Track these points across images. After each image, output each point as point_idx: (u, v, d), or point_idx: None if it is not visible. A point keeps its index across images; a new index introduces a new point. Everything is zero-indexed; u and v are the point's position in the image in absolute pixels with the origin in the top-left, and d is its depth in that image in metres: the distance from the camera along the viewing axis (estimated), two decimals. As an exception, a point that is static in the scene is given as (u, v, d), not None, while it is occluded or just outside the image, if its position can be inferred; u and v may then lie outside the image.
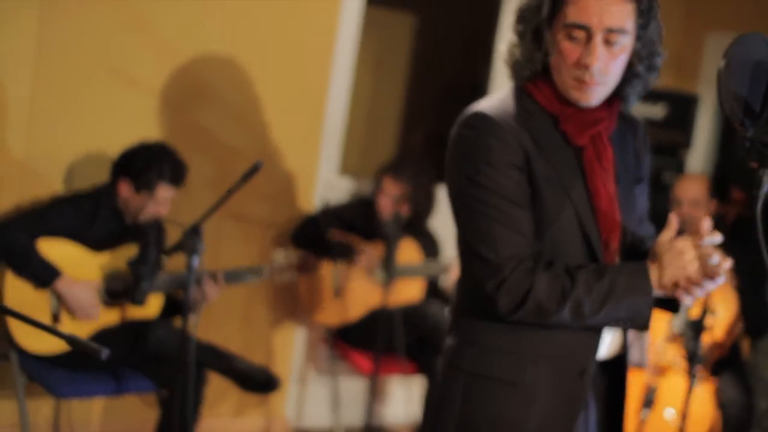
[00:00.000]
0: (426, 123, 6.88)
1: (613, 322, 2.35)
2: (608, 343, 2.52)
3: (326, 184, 5.25)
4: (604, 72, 2.33)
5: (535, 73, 2.42)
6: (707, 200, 5.09)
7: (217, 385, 4.73)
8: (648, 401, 4.65)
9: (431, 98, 6.94)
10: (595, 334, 2.44)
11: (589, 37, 2.31)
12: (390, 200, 4.93)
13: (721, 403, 4.84)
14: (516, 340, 2.40)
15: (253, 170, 3.59)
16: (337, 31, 5.10)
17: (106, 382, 4.13)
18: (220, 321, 4.91)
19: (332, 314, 4.99)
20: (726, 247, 2.20)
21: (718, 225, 5.02)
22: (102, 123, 4.51)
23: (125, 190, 4.16)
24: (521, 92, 2.45)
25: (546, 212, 2.36)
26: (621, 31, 2.31)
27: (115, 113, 4.54)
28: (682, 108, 5.90)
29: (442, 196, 5.11)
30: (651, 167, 2.72)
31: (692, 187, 5.10)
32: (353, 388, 5.50)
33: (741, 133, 2.05)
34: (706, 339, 4.65)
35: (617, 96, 2.46)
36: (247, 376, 4.38)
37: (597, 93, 2.37)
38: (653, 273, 2.33)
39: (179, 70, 4.70)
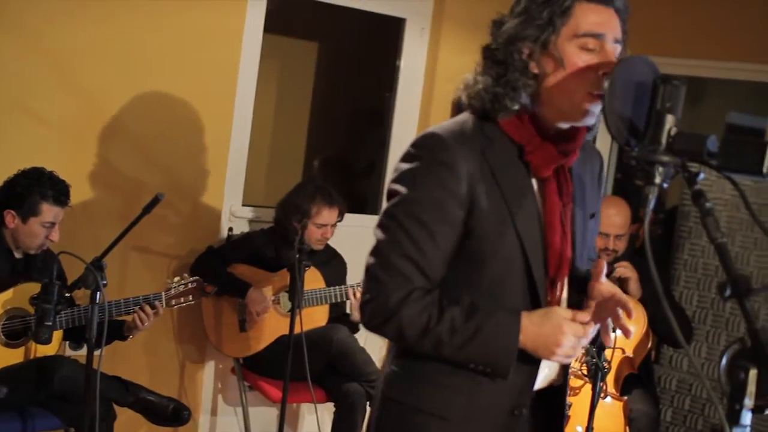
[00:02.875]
0: (331, 149, 6.89)
1: (471, 365, 2.28)
2: (545, 375, 2.45)
3: (231, 215, 5.24)
4: None
5: (524, 102, 2.30)
6: (629, 227, 5.15)
7: (126, 420, 4.67)
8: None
9: (336, 124, 6.96)
10: (531, 372, 2.37)
11: (602, 47, 2.27)
12: (327, 228, 4.96)
13: (630, 417, 4.91)
14: (451, 375, 2.33)
15: (154, 202, 3.58)
16: (239, 61, 5.11)
17: (12, 422, 4.06)
18: (127, 354, 4.86)
19: (239, 346, 4.97)
20: (633, 261, 2.26)
21: (633, 242, 5.17)
22: (5, 156, 4.45)
23: (11, 221, 4.09)
24: (482, 120, 2.35)
25: (487, 245, 2.29)
26: (621, 43, 2.30)
27: (19, 147, 4.49)
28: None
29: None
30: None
31: (618, 221, 5.15)
32: (264, 417, 5.47)
33: (627, 152, 2.10)
34: (616, 355, 4.72)
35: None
36: (157, 409, 4.34)
37: (599, 109, 2.29)
38: (526, 329, 2.26)
39: (83, 103, 4.67)
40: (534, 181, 2.37)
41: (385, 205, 2.35)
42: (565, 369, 2.50)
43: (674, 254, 5.44)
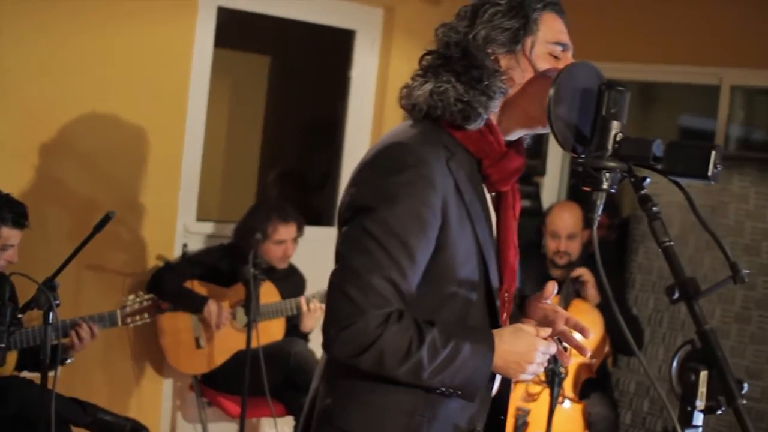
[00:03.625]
0: (285, 162, 6.88)
1: (444, 388, 2.21)
2: (496, 389, 2.43)
3: (185, 231, 5.22)
4: None
5: (492, 112, 2.27)
6: (581, 231, 5.19)
7: (84, 441, 4.64)
8: (519, 426, 4.72)
9: (289, 137, 6.95)
10: (490, 389, 2.34)
11: (565, 55, 2.31)
12: (288, 245, 4.95)
13: (590, 421, 4.94)
14: (412, 401, 2.24)
15: (105, 220, 3.56)
16: (189, 76, 5.09)
17: (-34, 446, 4.02)
18: (83, 375, 4.82)
19: (197, 363, 4.95)
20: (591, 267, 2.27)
21: (587, 248, 5.19)
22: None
23: None
24: (440, 130, 2.27)
25: (454, 262, 2.23)
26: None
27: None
28: (536, 135, 6.01)
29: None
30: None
31: (569, 220, 5.20)
32: (224, 433, 5.45)
33: (573, 159, 2.11)
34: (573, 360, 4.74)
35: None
36: (115, 429, 4.30)
37: None
38: (498, 348, 2.21)
39: (30, 122, 4.63)
40: (488, 196, 2.35)
41: (351, 219, 2.21)
42: (505, 381, 2.45)
43: (629, 258, 5.48)
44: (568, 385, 4.83)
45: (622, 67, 5.94)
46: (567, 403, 4.85)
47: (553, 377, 4.16)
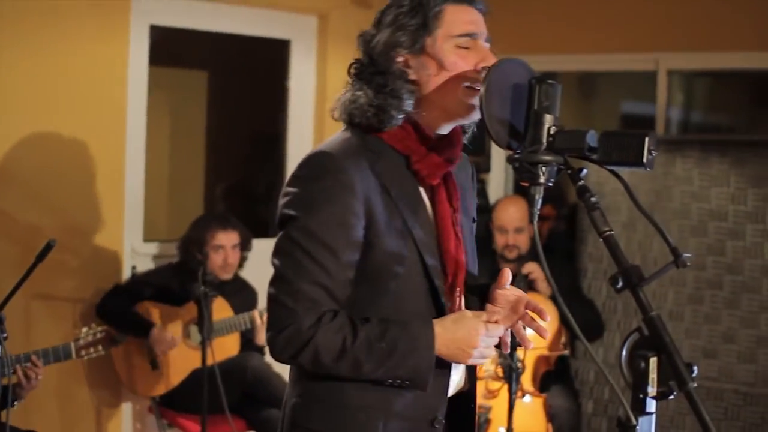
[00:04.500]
0: (230, 176, 6.84)
1: (392, 380, 2.28)
2: (454, 381, 2.44)
3: (133, 252, 5.18)
4: None
5: (406, 112, 2.31)
6: (529, 224, 5.20)
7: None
8: (482, 424, 4.71)
9: (233, 151, 6.92)
10: (445, 379, 2.37)
11: (475, 44, 2.31)
12: (228, 251, 4.91)
13: (551, 413, 4.95)
14: (366, 397, 2.31)
15: (46, 249, 3.51)
16: (126, 95, 5.06)
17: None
18: (39, 407, 4.75)
19: (153, 385, 4.90)
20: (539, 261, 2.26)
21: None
22: None
23: None
24: (366, 135, 2.34)
25: (387, 259, 2.29)
26: (489, 41, 2.35)
27: None
28: (479, 132, 6.02)
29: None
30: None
31: (515, 214, 5.21)
32: (187, 453, 5.40)
33: (510, 155, 2.11)
34: (529, 355, 4.75)
35: (461, 128, 2.44)
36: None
37: None
38: (440, 336, 2.27)
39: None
40: (422, 190, 2.38)
41: (280, 230, 2.32)
42: (471, 374, 2.51)
43: (579, 247, 5.50)
44: (527, 380, 4.84)
45: (560, 58, 5.97)
46: (527, 398, 4.86)
47: (510, 372, 4.17)
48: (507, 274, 2.39)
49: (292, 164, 5.73)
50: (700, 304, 5.14)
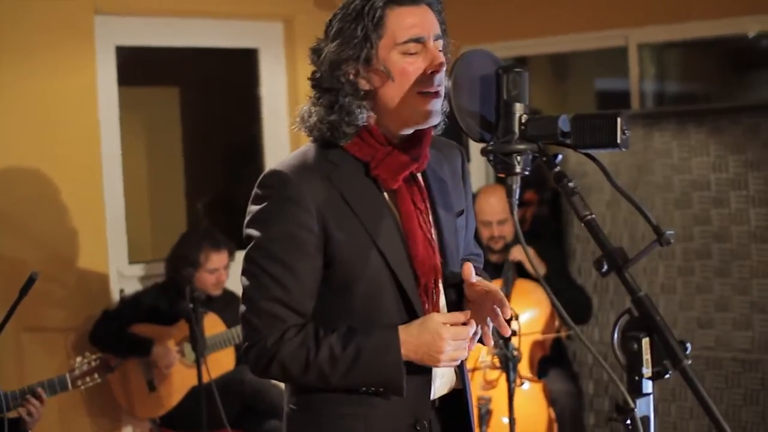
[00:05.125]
0: (211, 190, 6.82)
1: (365, 388, 2.31)
2: (443, 382, 2.43)
3: (119, 275, 5.15)
4: (442, 79, 2.29)
5: (363, 123, 2.31)
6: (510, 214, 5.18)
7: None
8: (483, 416, 4.70)
9: (211, 165, 6.89)
10: (425, 382, 2.37)
11: (424, 47, 2.29)
12: (221, 273, 4.91)
13: (552, 398, 4.94)
14: (347, 404, 2.34)
15: (30, 283, 3.47)
16: (98, 118, 5.04)
17: None
18: (39, 438, 4.73)
19: (152, 406, 4.89)
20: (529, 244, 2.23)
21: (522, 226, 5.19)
22: None
23: None
24: (325, 146, 2.36)
25: (351, 268, 2.31)
26: (441, 36, 2.33)
27: None
28: (452, 126, 5.99)
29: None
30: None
31: (497, 206, 5.18)
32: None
33: (483, 147, 2.09)
34: (524, 342, 4.73)
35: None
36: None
37: (440, 105, 2.32)
38: (406, 342, 2.27)
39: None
40: (386, 195, 2.37)
41: (245, 249, 2.36)
42: (462, 372, 2.49)
43: (566, 229, 5.49)
44: (524, 367, 4.83)
45: (529, 42, 5.96)
46: (526, 385, 4.85)
47: (506, 361, 4.16)
48: (468, 269, 2.37)
49: (270, 172, 5.70)
50: (691, 275, 5.14)
